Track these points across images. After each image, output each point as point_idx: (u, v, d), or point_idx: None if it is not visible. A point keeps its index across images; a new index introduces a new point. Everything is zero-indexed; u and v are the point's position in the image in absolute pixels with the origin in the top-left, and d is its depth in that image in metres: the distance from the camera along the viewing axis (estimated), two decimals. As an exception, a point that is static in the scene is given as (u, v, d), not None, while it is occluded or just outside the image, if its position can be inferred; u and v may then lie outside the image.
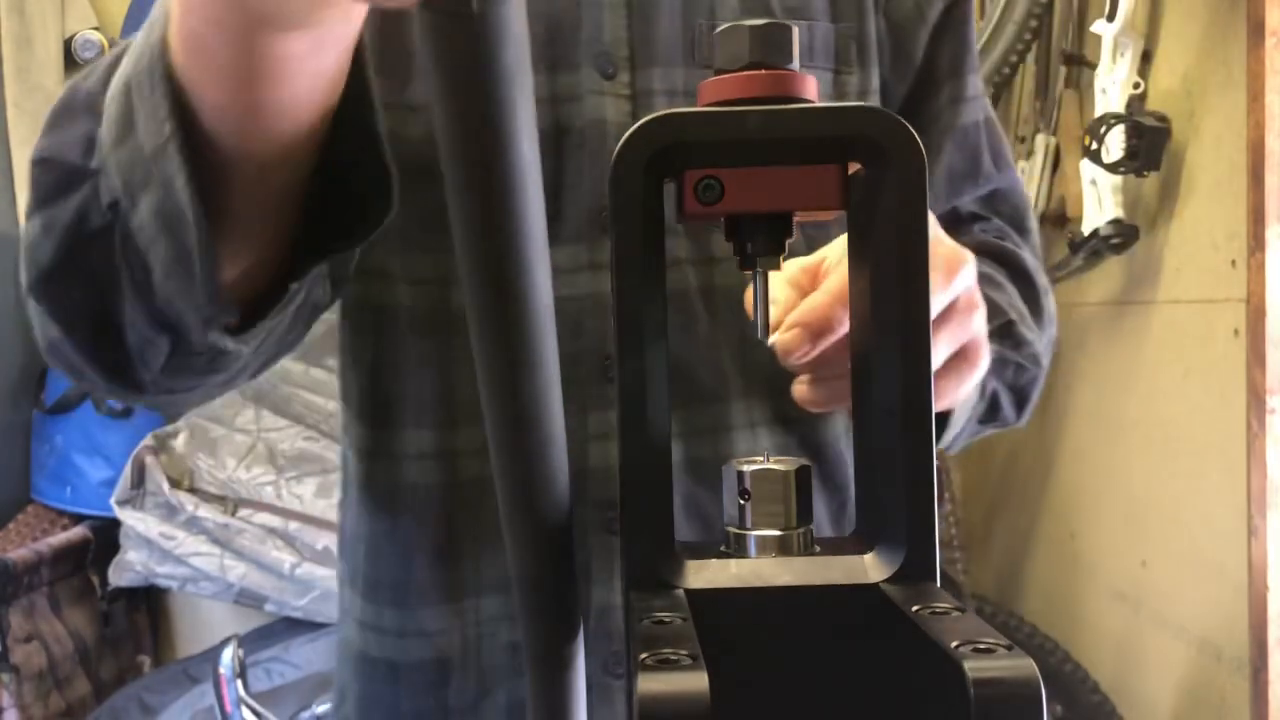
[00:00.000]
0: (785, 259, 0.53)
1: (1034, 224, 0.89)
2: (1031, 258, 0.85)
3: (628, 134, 0.48)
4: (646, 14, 0.76)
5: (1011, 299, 0.79)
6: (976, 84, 0.84)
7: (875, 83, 0.80)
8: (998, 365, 0.75)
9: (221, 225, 0.42)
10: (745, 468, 0.50)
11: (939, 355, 0.54)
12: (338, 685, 0.84)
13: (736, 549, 0.51)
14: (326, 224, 0.48)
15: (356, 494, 0.80)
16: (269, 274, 0.48)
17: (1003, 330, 0.76)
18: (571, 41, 0.75)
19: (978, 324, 0.57)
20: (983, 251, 0.79)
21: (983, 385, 0.74)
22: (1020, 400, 0.79)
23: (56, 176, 0.45)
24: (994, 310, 0.73)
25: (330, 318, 2.36)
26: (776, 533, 0.50)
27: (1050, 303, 0.85)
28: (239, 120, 0.38)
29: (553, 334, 0.37)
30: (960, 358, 0.57)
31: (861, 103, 0.78)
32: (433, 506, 0.75)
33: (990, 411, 0.77)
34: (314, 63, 0.37)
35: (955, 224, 0.85)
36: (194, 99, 0.38)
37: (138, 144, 0.40)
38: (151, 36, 0.39)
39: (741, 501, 0.50)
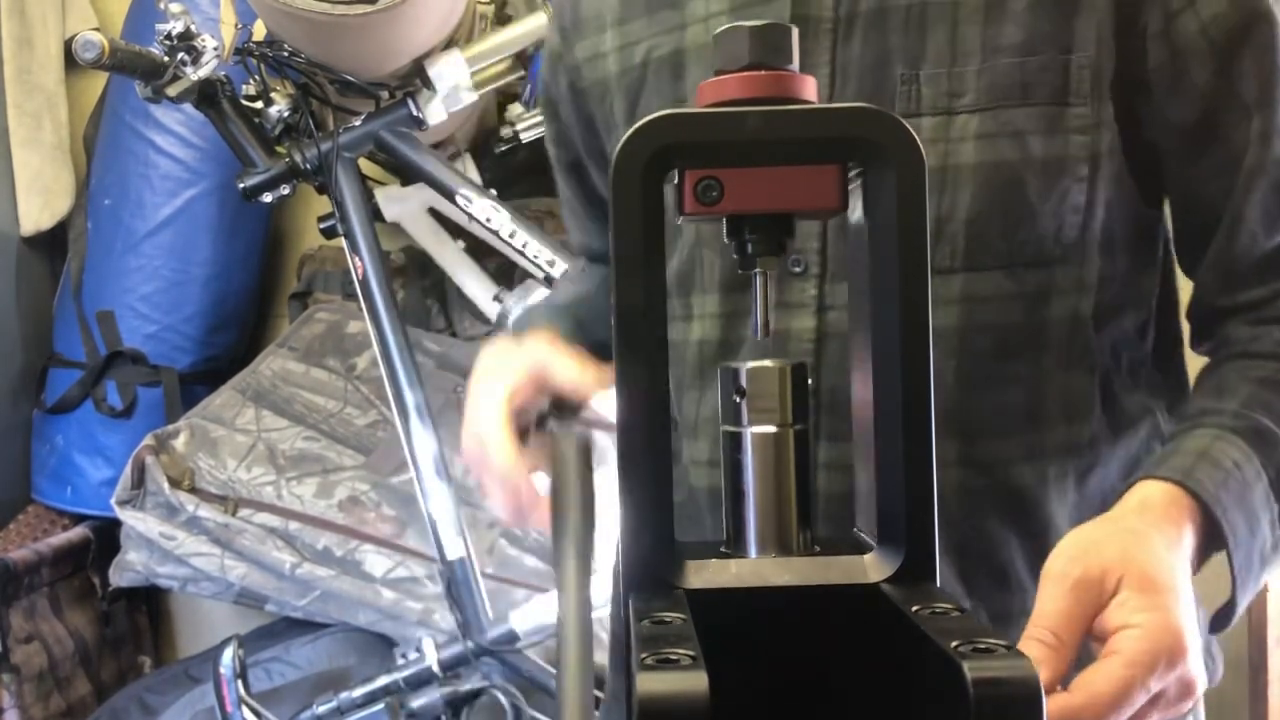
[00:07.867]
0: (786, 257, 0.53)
1: None
2: None
3: (628, 134, 0.48)
4: (846, 73, 0.78)
5: None
6: None
7: (1108, 115, 0.77)
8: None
9: None
10: (740, 366, 0.50)
11: None
12: None
13: (736, 537, 0.51)
14: None
15: None
16: None
17: None
18: None
19: (1186, 704, 0.61)
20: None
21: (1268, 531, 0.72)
22: None
23: None
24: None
25: (332, 318, 2.36)
26: (772, 429, 0.50)
27: None
28: None
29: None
30: None
31: (1081, 136, 0.77)
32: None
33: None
34: None
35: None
36: None
37: None
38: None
39: (737, 399, 0.50)
